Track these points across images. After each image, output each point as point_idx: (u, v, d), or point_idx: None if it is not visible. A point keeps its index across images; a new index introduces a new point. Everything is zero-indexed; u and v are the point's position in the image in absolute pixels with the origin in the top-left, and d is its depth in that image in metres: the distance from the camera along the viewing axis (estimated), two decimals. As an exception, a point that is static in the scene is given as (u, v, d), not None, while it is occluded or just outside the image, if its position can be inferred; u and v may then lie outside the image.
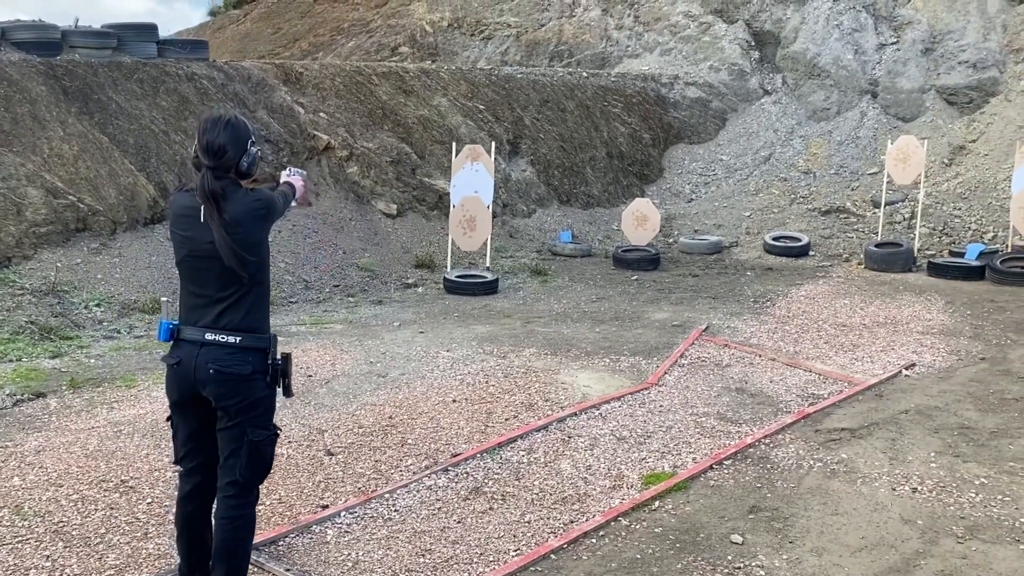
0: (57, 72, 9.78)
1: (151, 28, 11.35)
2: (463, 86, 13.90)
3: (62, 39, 10.50)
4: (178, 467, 3.62)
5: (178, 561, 3.72)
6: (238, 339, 3.34)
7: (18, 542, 4.18)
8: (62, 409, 5.99)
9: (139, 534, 4.30)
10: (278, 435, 3.53)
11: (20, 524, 4.35)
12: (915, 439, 5.58)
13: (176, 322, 3.45)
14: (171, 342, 3.46)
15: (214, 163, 3.35)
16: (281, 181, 3.87)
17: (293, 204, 3.85)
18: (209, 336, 3.34)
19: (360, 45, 20.59)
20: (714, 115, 16.40)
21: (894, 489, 4.85)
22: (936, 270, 10.99)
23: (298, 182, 3.85)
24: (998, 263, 10.73)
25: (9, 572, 3.92)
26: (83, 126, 9.53)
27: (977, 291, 10.13)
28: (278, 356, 3.45)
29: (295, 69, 12.38)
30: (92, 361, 7.11)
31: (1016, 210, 11.19)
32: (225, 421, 3.39)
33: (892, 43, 15.84)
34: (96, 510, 4.53)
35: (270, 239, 10.70)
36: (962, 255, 11.34)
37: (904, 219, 12.91)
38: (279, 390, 3.51)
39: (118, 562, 4.05)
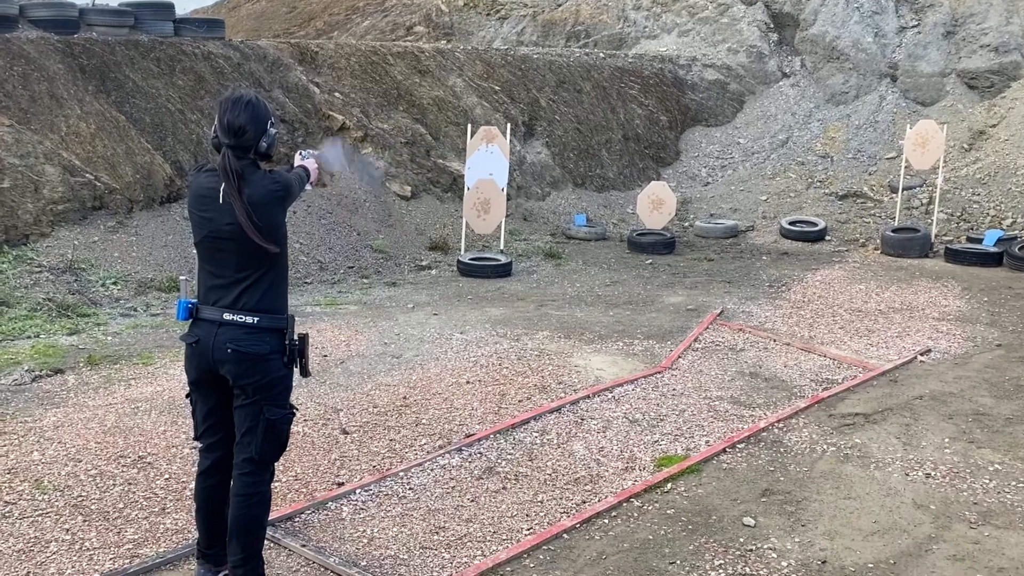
0: (74, 50, 9.81)
1: (168, 6, 11.35)
2: (479, 66, 13.85)
3: (79, 17, 10.52)
4: (197, 443, 3.67)
5: (196, 536, 3.77)
6: (256, 319, 3.37)
7: (38, 515, 4.25)
8: (80, 385, 6.05)
9: (157, 509, 4.36)
10: (294, 414, 3.57)
11: (40, 498, 4.41)
12: (929, 425, 5.57)
13: (194, 301, 3.48)
14: (189, 321, 3.49)
15: (234, 142, 3.37)
16: (295, 164, 3.87)
17: (308, 187, 3.86)
18: (227, 316, 3.37)
19: (375, 24, 20.54)
20: (732, 98, 16.29)
21: (907, 474, 4.85)
22: (953, 256, 10.92)
23: (312, 165, 3.85)
24: (1016, 249, 10.65)
25: (30, 545, 3.99)
26: (100, 104, 9.57)
27: (995, 277, 10.06)
28: (295, 337, 3.48)
29: (310, 49, 12.37)
30: (109, 338, 7.18)
31: (1035, 196, 11.09)
32: (242, 399, 3.43)
33: (913, 26, 15.67)
34: (114, 485, 4.59)
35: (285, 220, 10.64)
36: (980, 241, 11.25)
37: (922, 204, 12.82)
38: (296, 370, 3.54)
39: (136, 536, 4.11)
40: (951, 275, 10.17)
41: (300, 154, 3.92)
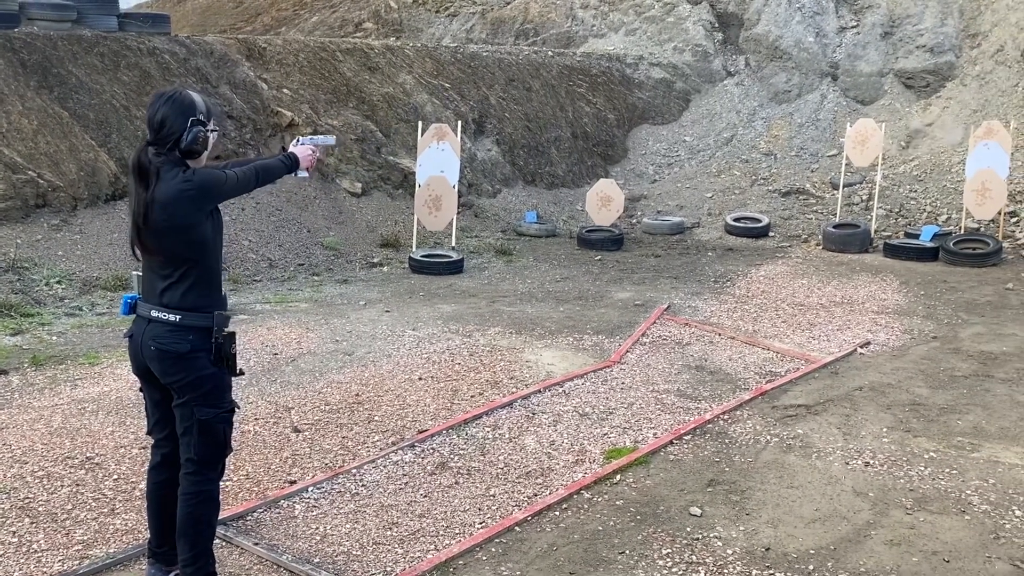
0: (15, 45, 9.60)
1: (111, 1, 11.16)
2: (428, 63, 13.86)
3: (20, 11, 10.30)
4: (150, 437, 3.66)
5: (147, 536, 3.76)
6: (178, 317, 3.33)
7: (-16, 518, 4.19)
8: (25, 386, 5.96)
9: (106, 510, 4.33)
10: (232, 412, 3.50)
11: (-15, 501, 4.35)
12: (868, 415, 5.76)
13: (137, 296, 3.47)
14: (132, 315, 3.49)
15: (153, 138, 3.33)
16: (288, 150, 3.76)
17: (304, 174, 3.75)
18: (154, 313, 3.36)
19: (323, 20, 20.39)
20: (678, 96, 16.52)
21: (847, 463, 5.01)
22: (892, 251, 11.23)
23: (303, 152, 3.73)
24: (951, 244, 10.99)
25: (-25, 548, 3.93)
26: (42, 100, 9.38)
27: (931, 272, 10.38)
28: (223, 334, 3.42)
29: (258, 44, 12.26)
30: (54, 338, 7.07)
31: (969, 193, 11.46)
32: (176, 399, 3.41)
33: (852, 26, 16.06)
34: (62, 486, 4.54)
35: (232, 217, 10.60)
36: (917, 236, 11.59)
37: (862, 200, 13.15)
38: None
39: (85, 537, 4.08)
40: (889, 270, 10.46)
41: (297, 140, 3.81)
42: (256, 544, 4.05)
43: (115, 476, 4.67)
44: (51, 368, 6.33)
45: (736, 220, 12.88)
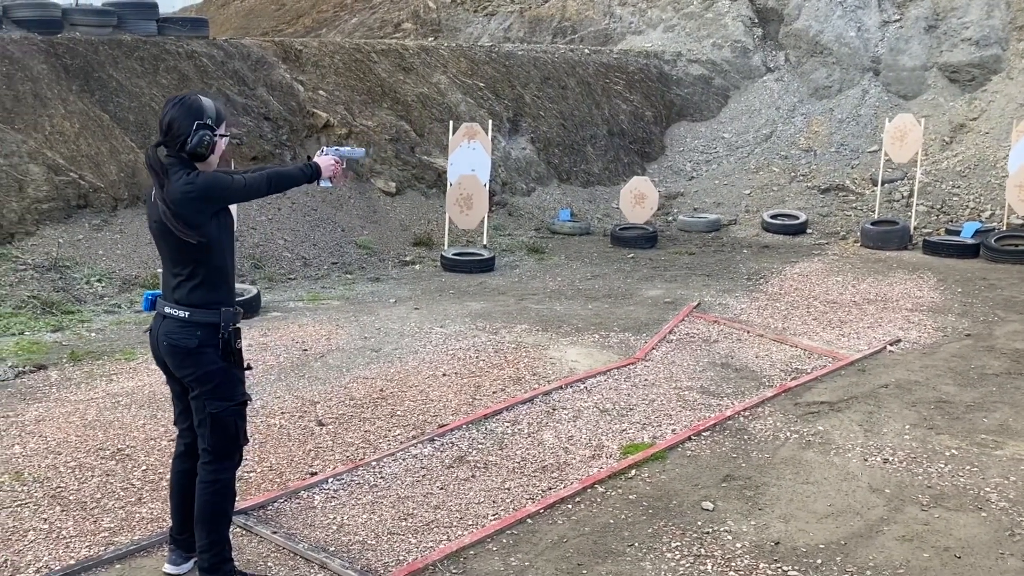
0: (58, 50, 9.90)
1: (151, 6, 11.46)
2: (463, 63, 13.96)
3: (63, 17, 10.63)
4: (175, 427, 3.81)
5: (170, 523, 3.89)
6: (187, 314, 3.46)
7: (17, 506, 4.36)
8: (62, 381, 6.17)
9: (133, 499, 4.48)
10: (243, 405, 3.59)
11: (20, 489, 4.53)
12: (892, 412, 5.71)
13: (159, 293, 3.62)
14: (154, 312, 3.63)
15: (162, 139, 3.48)
16: (313, 160, 3.83)
17: (327, 183, 3.82)
18: (167, 310, 3.50)
19: (363, 21, 20.63)
20: (716, 92, 16.41)
21: (866, 460, 4.98)
22: (931, 248, 11.05)
23: (326, 162, 3.81)
24: (992, 241, 10.78)
25: (8, 534, 4.10)
26: (84, 104, 9.66)
27: (970, 269, 10.20)
28: (229, 330, 3.51)
29: (294, 47, 12.46)
30: (93, 335, 7.29)
31: (1012, 188, 11.23)
32: (191, 393, 3.55)
33: (895, 20, 15.81)
34: (93, 476, 4.70)
35: (268, 217, 10.72)
36: (958, 233, 11.39)
37: (903, 197, 12.95)
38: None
39: (112, 525, 4.23)
40: (928, 267, 10.30)
41: (321, 151, 3.90)
42: (274, 533, 4.16)
43: (144, 467, 4.83)
44: (88, 363, 6.54)
45: (773, 217, 12.77)
